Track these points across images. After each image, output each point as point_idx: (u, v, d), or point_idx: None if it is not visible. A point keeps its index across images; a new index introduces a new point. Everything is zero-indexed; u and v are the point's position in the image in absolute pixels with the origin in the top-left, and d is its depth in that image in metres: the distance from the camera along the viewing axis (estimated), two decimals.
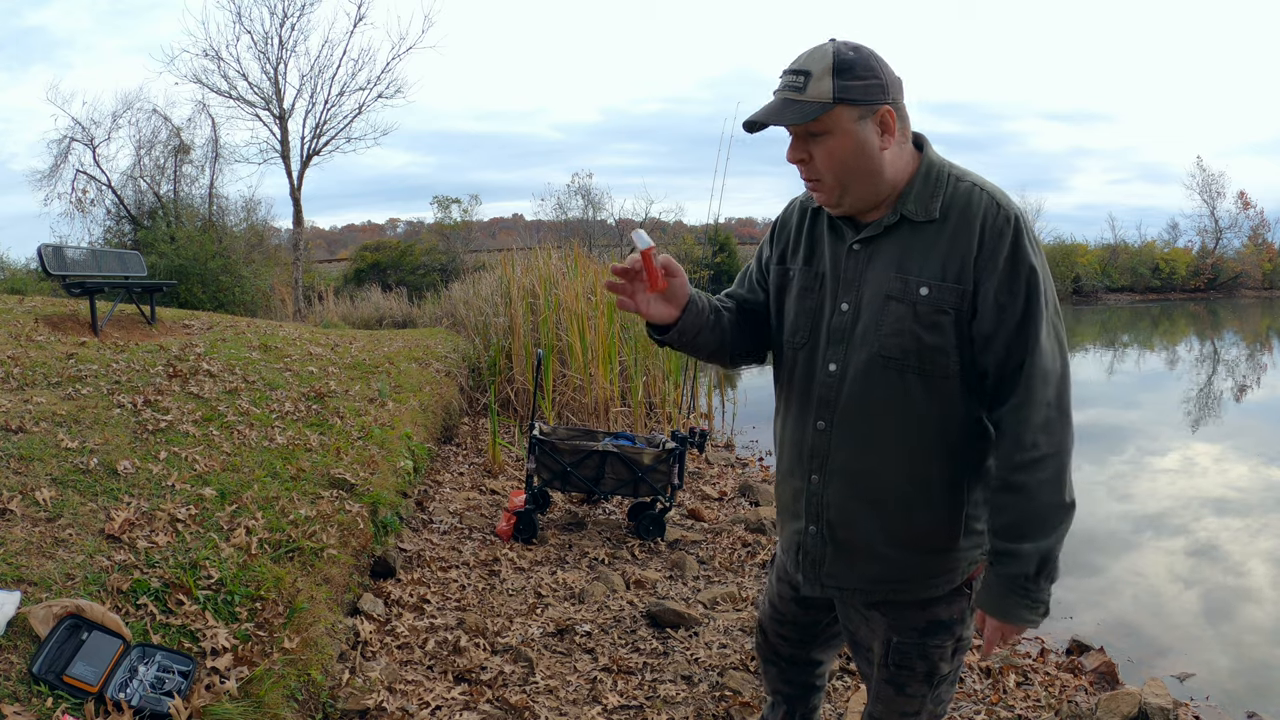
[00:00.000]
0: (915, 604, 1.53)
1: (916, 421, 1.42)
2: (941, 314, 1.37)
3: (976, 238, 1.36)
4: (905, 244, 1.41)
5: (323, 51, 18.52)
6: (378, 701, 2.42)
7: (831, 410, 1.48)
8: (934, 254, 1.39)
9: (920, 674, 1.55)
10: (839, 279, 1.48)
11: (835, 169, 1.38)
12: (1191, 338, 19.42)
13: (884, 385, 1.42)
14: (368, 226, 48.67)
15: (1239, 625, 3.75)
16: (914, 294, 1.39)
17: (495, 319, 8.15)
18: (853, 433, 1.47)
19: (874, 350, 1.42)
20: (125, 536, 2.51)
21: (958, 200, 1.39)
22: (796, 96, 1.36)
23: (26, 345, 4.55)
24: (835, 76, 1.34)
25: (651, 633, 3.18)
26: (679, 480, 4.28)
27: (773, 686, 2.03)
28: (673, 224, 28.44)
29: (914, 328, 1.39)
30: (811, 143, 1.38)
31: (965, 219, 1.38)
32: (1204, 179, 37.27)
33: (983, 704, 2.73)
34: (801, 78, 1.36)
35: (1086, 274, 32.07)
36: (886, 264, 1.42)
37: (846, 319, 1.47)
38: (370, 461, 3.98)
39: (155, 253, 13.53)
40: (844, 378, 1.46)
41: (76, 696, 1.84)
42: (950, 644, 1.55)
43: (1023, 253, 1.35)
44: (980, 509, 1.50)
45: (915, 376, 1.40)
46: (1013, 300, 1.34)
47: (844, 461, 1.48)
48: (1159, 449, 7.32)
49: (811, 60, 1.36)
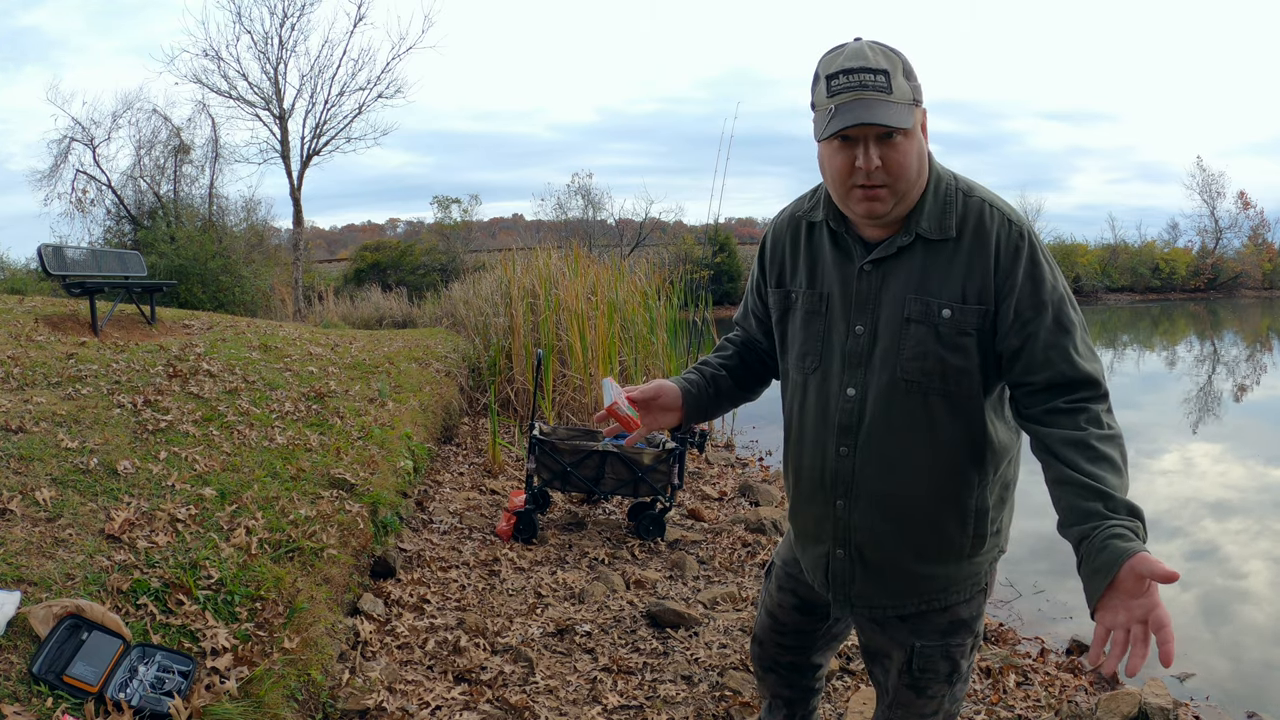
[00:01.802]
0: (940, 609, 1.53)
1: (941, 442, 1.42)
2: (964, 335, 1.36)
3: (993, 257, 1.35)
4: (922, 264, 1.39)
5: (323, 51, 18.52)
6: (378, 701, 2.42)
7: (853, 435, 1.46)
8: (953, 275, 1.37)
9: (943, 675, 1.55)
10: (850, 301, 1.45)
11: (904, 174, 1.33)
12: (1191, 338, 19.42)
13: (907, 408, 1.41)
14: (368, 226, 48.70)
15: (1239, 625, 3.75)
16: (936, 316, 1.37)
17: (495, 319, 8.16)
18: (877, 457, 1.44)
19: (895, 374, 1.40)
20: (125, 536, 2.51)
21: (970, 217, 1.38)
22: (887, 97, 1.28)
23: (26, 345, 4.56)
24: (906, 77, 1.31)
25: (651, 633, 3.19)
26: (679, 480, 4.29)
27: (772, 692, 2.01)
28: (673, 224, 28.45)
29: (937, 350, 1.37)
30: (882, 146, 1.31)
31: (980, 238, 1.36)
32: (1204, 179, 37.35)
33: (983, 704, 2.73)
34: (883, 77, 1.28)
35: (1086, 274, 32.07)
36: (904, 285, 1.39)
37: (863, 342, 1.44)
38: (370, 461, 3.98)
39: (155, 253, 13.54)
40: (864, 401, 1.44)
41: (76, 696, 1.84)
42: (970, 641, 1.55)
43: (1040, 269, 1.35)
44: (999, 509, 1.50)
45: (939, 399, 1.39)
46: (1037, 315, 1.33)
47: (870, 486, 1.46)
48: (1158, 450, 7.32)
49: (880, 59, 1.30)
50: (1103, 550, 1.16)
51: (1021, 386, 1.38)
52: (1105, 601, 1.15)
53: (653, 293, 8.00)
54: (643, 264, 10.25)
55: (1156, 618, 1.10)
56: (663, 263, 15.32)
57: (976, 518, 1.46)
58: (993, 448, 1.44)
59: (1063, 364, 1.33)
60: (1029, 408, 1.38)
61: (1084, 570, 1.20)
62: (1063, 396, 1.33)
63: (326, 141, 16.64)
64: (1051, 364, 1.33)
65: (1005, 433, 1.48)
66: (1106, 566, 1.15)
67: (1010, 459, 1.51)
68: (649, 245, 24.92)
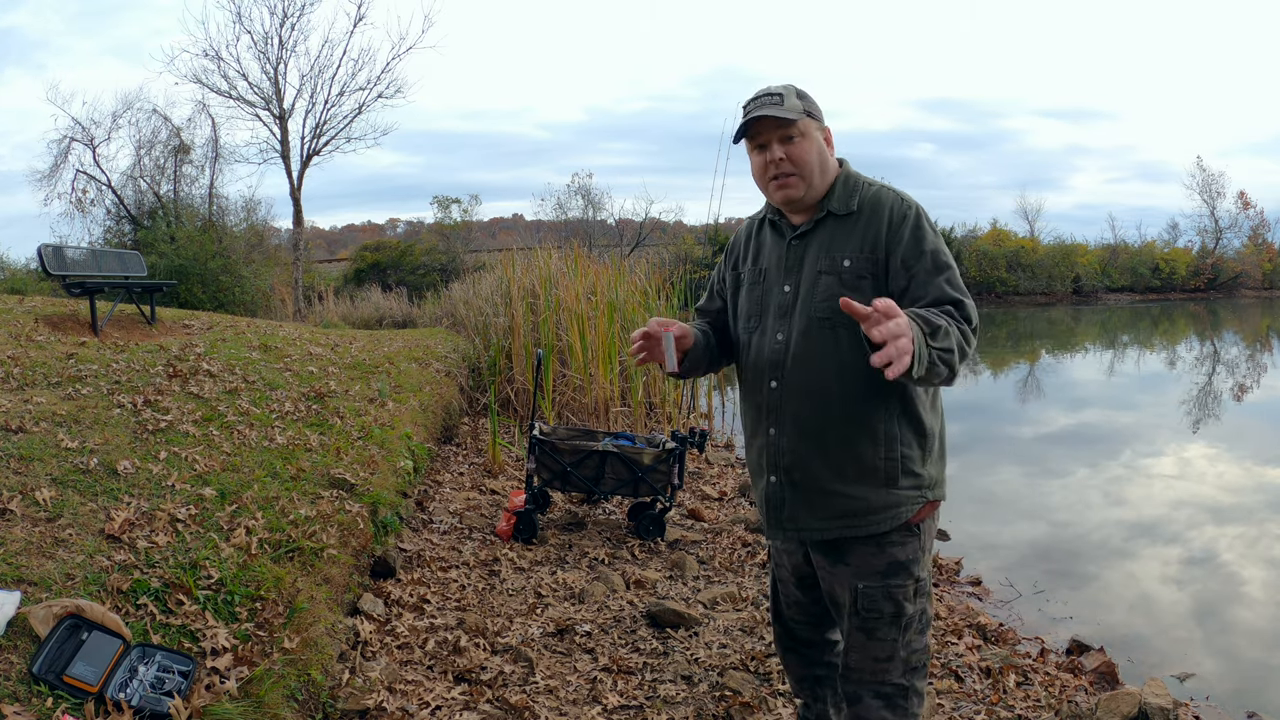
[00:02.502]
0: (871, 542, 1.76)
1: (848, 369, 1.70)
2: (861, 279, 1.72)
3: (885, 220, 1.73)
4: (831, 233, 1.78)
5: (323, 51, 18.48)
6: (378, 701, 2.42)
7: (781, 370, 1.79)
8: (854, 237, 1.75)
9: (888, 616, 1.76)
10: (782, 268, 1.84)
11: (805, 164, 1.76)
12: (1191, 338, 19.42)
13: (819, 341, 1.74)
14: (368, 226, 48.68)
15: (1239, 626, 3.75)
16: (839, 266, 1.75)
17: (495, 319, 8.16)
18: (799, 385, 1.76)
19: (811, 315, 1.75)
20: (125, 536, 2.51)
21: (869, 197, 1.78)
22: (779, 107, 1.74)
23: (26, 345, 4.56)
24: (799, 99, 1.78)
25: (651, 633, 3.19)
26: (679, 480, 4.29)
27: (798, 675, 2.15)
28: (673, 224, 28.45)
29: (840, 290, 1.70)
30: (786, 145, 1.75)
31: (876, 209, 1.76)
32: (1204, 179, 37.41)
33: (983, 704, 2.73)
34: (777, 96, 1.75)
35: (1086, 274, 32.11)
36: (819, 250, 1.79)
37: (789, 297, 1.81)
38: (370, 461, 3.98)
39: (155, 253, 13.54)
40: (789, 342, 1.78)
41: (76, 696, 1.84)
42: (910, 584, 1.77)
43: (922, 230, 1.71)
44: (915, 452, 1.75)
45: (844, 330, 1.69)
46: (918, 260, 1.68)
47: (794, 411, 1.77)
48: (1156, 451, 7.32)
49: (779, 88, 1.77)
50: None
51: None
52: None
53: (653, 293, 7.99)
54: (643, 264, 10.25)
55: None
56: (663, 263, 15.32)
57: (887, 442, 1.73)
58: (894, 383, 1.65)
59: (937, 291, 1.65)
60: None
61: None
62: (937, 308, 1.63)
63: (326, 141, 16.67)
64: (929, 293, 1.65)
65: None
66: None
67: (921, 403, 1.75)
68: (649, 245, 24.94)
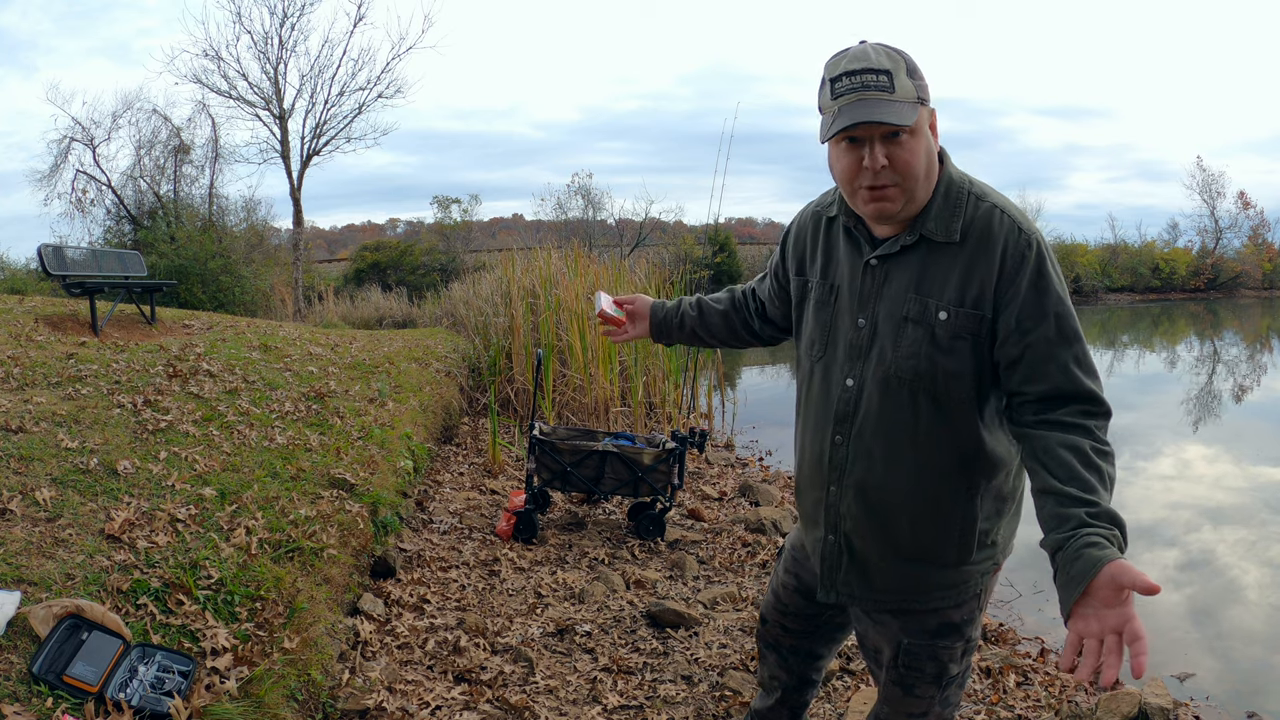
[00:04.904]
0: (927, 609, 1.53)
1: (927, 441, 1.42)
2: (959, 340, 1.37)
3: (998, 261, 1.34)
4: (923, 265, 1.40)
5: (323, 51, 18.43)
6: (378, 701, 2.42)
7: (848, 425, 1.49)
8: (953, 277, 1.37)
9: (929, 675, 1.55)
10: (855, 295, 1.48)
11: (911, 172, 1.33)
12: (1191, 338, 19.41)
13: (896, 404, 1.42)
14: (368, 226, 48.63)
15: (1239, 626, 3.75)
16: (933, 318, 1.38)
17: (495, 319, 8.16)
18: (867, 448, 1.47)
19: (889, 370, 1.42)
20: (125, 536, 2.51)
21: (978, 222, 1.37)
22: (889, 97, 1.29)
23: (26, 345, 4.56)
24: (909, 76, 1.31)
25: (651, 633, 3.18)
26: (679, 480, 4.28)
27: (769, 673, 2.02)
28: (673, 224, 28.43)
29: (930, 351, 1.38)
30: (889, 145, 1.32)
31: (985, 243, 1.35)
32: (1204, 179, 37.31)
33: (983, 704, 2.74)
34: (885, 77, 1.29)
35: (1086, 274, 32.06)
36: (904, 284, 1.41)
37: (863, 335, 1.46)
38: (370, 461, 3.98)
39: (155, 253, 13.54)
40: (860, 393, 1.47)
41: (76, 696, 1.84)
42: (960, 645, 1.55)
43: (1046, 279, 1.33)
44: (993, 521, 1.50)
45: (927, 399, 1.40)
46: (1038, 325, 1.32)
47: (859, 476, 1.49)
48: (1156, 452, 7.32)
49: (883, 59, 1.30)
50: (1078, 558, 1.14)
51: (1018, 396, 1.37)
52: (1079, 609, 1.13)
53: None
54: (643, 264, 10.23)
55: (1132, 629, 1.07)
56: (663, 263, 15.30)
57: (964, 526, 1.46)
58: (986, 458, 1.44)
59: (1061, 377, 1.32)
60: (1024, 416, 1.36)
61: (1059, 578, 1.18)
62: (1061, 409, 1.32)
63: (326, 141, 16.64)
64: (1050, 376, 1.32)
65: (1003, 445, 1.46)
66: (1082, 574, 1.13)
67: (1008, 472, 1.49)
68: (649, 245, 24.92)
